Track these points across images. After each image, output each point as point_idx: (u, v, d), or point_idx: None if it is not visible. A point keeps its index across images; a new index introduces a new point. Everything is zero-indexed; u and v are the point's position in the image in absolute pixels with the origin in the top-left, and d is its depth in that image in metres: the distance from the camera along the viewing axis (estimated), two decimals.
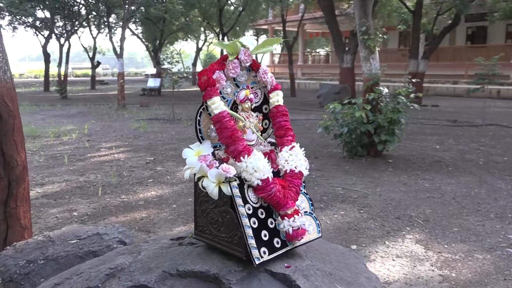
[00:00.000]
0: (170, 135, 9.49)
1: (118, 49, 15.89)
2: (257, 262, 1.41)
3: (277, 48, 32.21)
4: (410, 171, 6.22)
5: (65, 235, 2.95)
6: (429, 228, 4.11)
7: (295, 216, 1.50)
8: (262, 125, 1.72)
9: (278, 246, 1.51)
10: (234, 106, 1.62)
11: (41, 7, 19.52)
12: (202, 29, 30.61)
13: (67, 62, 21.39)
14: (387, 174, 6.06)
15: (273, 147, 1.70)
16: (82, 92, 23.60)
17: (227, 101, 1.61)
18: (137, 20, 22.49)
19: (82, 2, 20.99)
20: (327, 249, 1.77)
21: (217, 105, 1.47)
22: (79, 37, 24.43)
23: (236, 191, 1.45)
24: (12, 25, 21.93)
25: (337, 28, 14.36)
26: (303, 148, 1.67)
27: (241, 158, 1.46)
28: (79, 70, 40.05)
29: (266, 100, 1.72)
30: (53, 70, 24.61)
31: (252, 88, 1.67)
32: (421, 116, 12.17)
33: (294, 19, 24.19)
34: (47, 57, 22.50)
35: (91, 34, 24.45)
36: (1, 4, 17.13)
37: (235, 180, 1.46)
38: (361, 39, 6.77)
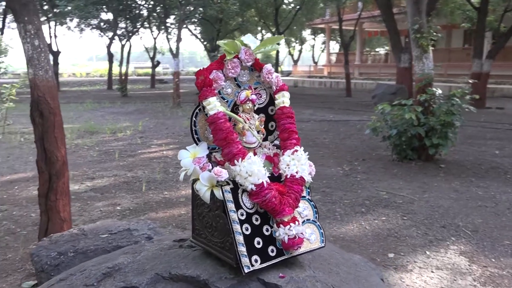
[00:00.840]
0: None
1: (175, 49, 16.33)
2: (246, 271, 1.36)
3: (281, 45, 31.69)
4: (464, 177, 5.86)
5: (98, 229, 3.04)
6: (477, 240, 3.84)
7: (291, 224, 1.42)
8: (268, 127, 1.66)
9: (272, 254, 1.44)
10: (235, 107, 1.58)
11: (105, 9, 20.51)
12: (258, 28, 30.75)
13: (127, 62, 22.33)
14: (438, 180, 5.74)
15: (279, 150, 1.63)
16: (142, 91, 24.54)
17: (227, 101, 1.57)
18: (194, 20, 23.01)
19: (144, 4, 21.81)
20: (339, 259, 1.67)
21: (213, 105, 1.44)
22: (140, 37, 25.43)
23: (228, 196, 1.40)
24: (80, 27, 23.25)
25: (395, 26, 13.85)
26: (307, 153, 1.59)
27: (235, 161, 1.41)
28: (141, 69, 41.69)
29: (272, 102, 1.66)
30: (117, 69, 25.77)
31: (255, 88, 1.62)
32: (484, 119, 11.44)
33: (351, 17, 23.66)
34: (110, 57, 23.61)
35: (152, 34, 25.33)
36: (69, 7, 18.17)
37: (228, 184, 1.42)
38: (413, 38, 6.46)
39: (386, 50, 33.03)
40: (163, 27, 22.58)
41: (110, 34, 23.00)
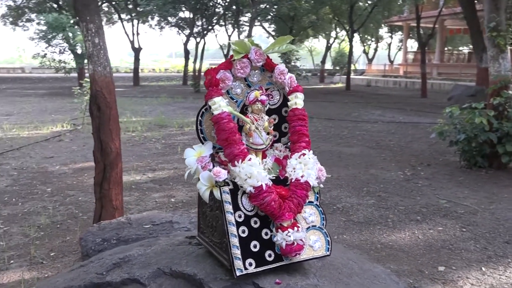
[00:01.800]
0: None
1: None
2: (237, 274, 1.34)
3: (290, 45, 30.28)
4: None
5: (143, 219, 3.18)
6: None
7: (290, 230, 1.38)
8: (281, 129, 1.63)
9: (270, 259, 1.41)
10: (245, 108, 1.57)
11: (183, 8, 21.34)
12: (333, 26, 30.24)
13: (201, 59, 23.06)
14: (509, 191, 5.28)
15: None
16: None
17: (236, 102, 1.56)
18: (267, 18, 23.20)
19: (221, 2, 22.38)
20: (354, 269, 1.60)
21: (217, 105, 1.43)
22: (215, 35, 26.10)
23: (226, 197, 1.39)
24: (160, 25, 24.44)
25: (477, 24, 12.93)
26: (315, 157, 1.54)
27: (235, 162, 1.40)
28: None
29: (286, 103, 1.62)
30: (192, 65, 26.68)
31: (267, 89, 1.59)
32: None
33: (431, 14, 22.43)
34: (186, 53, 24.55)
35: (227, 32, 25.92)
36: (149, 7, 19.17)
37: (228, 185, 1.41)
38: (489, 36, 5.99)
39: (469, 49, 30.94)
40: (237, 25, 23.04)
41: (187, 32, 23.90)
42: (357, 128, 10.04)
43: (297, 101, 1.55)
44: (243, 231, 1.39)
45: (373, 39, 37.02)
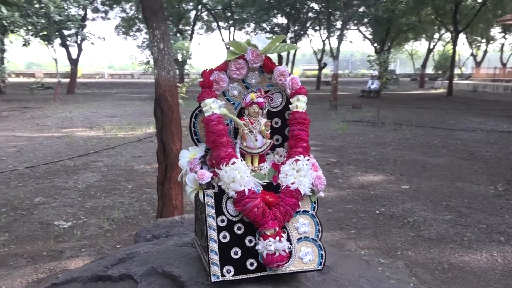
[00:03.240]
0: (367, 139, 9.23)
1: (347, 51, 16.28)
2: (213, 280, 1.28)
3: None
4: None
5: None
6: None
7: (271, 239, 1.29)
8: (285, 133, 1.54)
9: (251, 268, 1.33)
10: (243, 110, 1.51)
11: (277, 15, 21.67)
12: (435, 27, 28.44)
13: (293, 63, 23.20)
14: None
15: None
16: None
17: (233, 104, 1.51)
18: (365, 21, 22.54)
19: (314, 6, 22.30)
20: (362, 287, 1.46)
21: (208, 107, 1.39)
22: (310, 40, 26.06)
23: (209, 200, 1.34)
24: (255, 31, 25.08)
25: None
26: (311, 163, 1.43)
27: (221, 165, 1.36)
28: (310, 71, 42.89)
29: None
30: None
31: (268, 91, 1.52)
32: None
33: None
34: (280, 59, 24.85)
35: (321, 37, 25.77)
36: (244, 16, 19.78)
37: (213, 188, 1.37)
38: None
39: None
40: (331, 29, 22.77)
41: None
42: (451, 137, 9.29)
43: (299, 104, 1.46)
44: (224, 237, 1.34)
45: (482, 41, 34.06)
